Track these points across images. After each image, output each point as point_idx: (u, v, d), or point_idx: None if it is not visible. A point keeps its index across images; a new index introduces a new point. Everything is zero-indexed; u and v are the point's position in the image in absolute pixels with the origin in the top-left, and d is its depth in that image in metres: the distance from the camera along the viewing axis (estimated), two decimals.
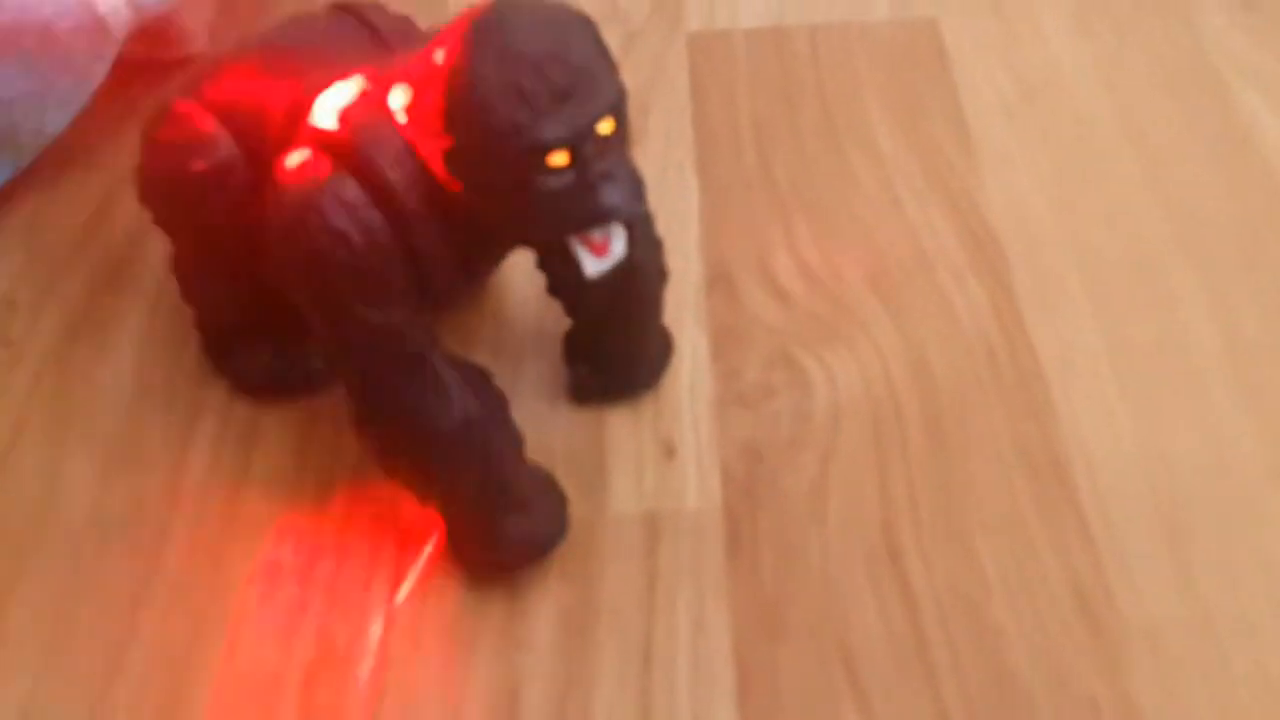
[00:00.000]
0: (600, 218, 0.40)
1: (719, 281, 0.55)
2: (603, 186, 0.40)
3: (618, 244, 0.41)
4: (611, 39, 0.66)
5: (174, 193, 0.47)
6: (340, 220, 0.41)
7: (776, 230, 0.57)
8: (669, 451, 0.50)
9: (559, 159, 0.39)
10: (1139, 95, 0.62)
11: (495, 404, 0.44)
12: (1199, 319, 0.53)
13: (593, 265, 0.41)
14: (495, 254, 0.45)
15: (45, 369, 0.53)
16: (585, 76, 0.39)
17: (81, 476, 0.49)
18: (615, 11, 0.68)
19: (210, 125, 0.46)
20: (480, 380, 0.44)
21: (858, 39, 0.66)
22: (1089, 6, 0.67)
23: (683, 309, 0.54)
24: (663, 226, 0.57)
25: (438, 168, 0.40)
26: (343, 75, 0.43)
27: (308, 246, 0.41)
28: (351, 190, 0.41)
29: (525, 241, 0.44)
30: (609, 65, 0.40)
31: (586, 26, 0.40)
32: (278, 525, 0.48)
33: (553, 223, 0.40)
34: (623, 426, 0.50)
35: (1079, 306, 0.53)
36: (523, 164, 0.39)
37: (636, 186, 0.41)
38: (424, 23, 0.50)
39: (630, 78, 0.64)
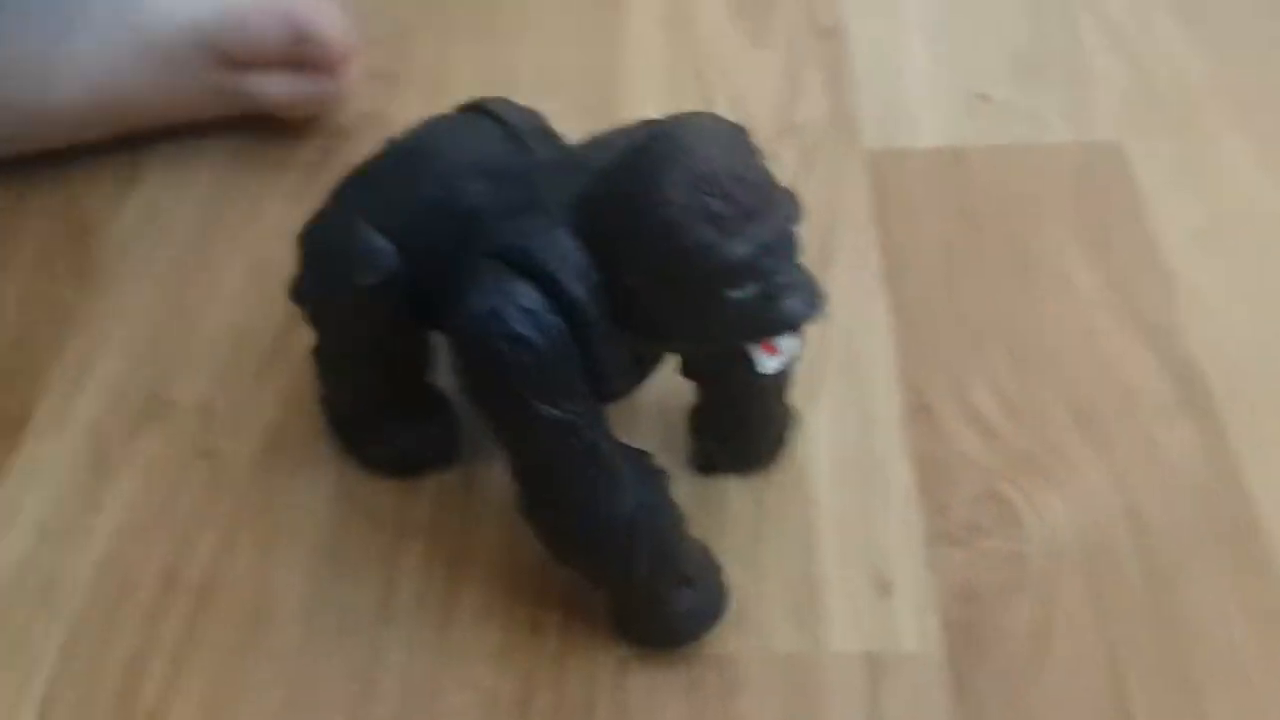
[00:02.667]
0: (785, 327, 0.42)
1: (919, 412, 0.55)
2: (786, 296, 0.41)
3: (791, 342, 0.43)
4: (788, 153, 0.66)
5: (334, 302, 0.49)
6: (522, 325, 0.42)
7: (973, 360, 0.57)
8: (883, 588, 0.49)
9: (745, 274, 0.40)
10: None
11: (661, 486, 0.46)
12: None
13: (769, 363, 0.43)
14: (664, 355, 0.47)
15: (250, 480, 0.53)
16: (765, 193, 0.41)
17: (293, 589, 0.49)
18: (791, 126, 0.68)
19: (374, 237, 0.47)
20: (645, 463, 0.45)
21: (1040, 162, 0.65)
22: (1276, 132, 0.66)
23: (887, 439, 0.53)
24: (855, 349, 0.57)
25: (618, 279, 0.42)
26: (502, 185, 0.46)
27: (491, 351, 0.42)
28: (532, 298, 0.42)
29: (702, 348, 0.46)
30: (781, 187, 0.42)
31: (748, 140, 0.42)
32: (492, 652, 0.47)
33: (737, 334, 0.42)
34: (833, 552, 0.50)
35: None
36: (711, 281, 0.40)
37: (815, 291, 0.42)
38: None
39: (810, 195, 0.64)
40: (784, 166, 0.66)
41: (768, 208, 0.41)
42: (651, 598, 0.46)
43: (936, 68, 0.72)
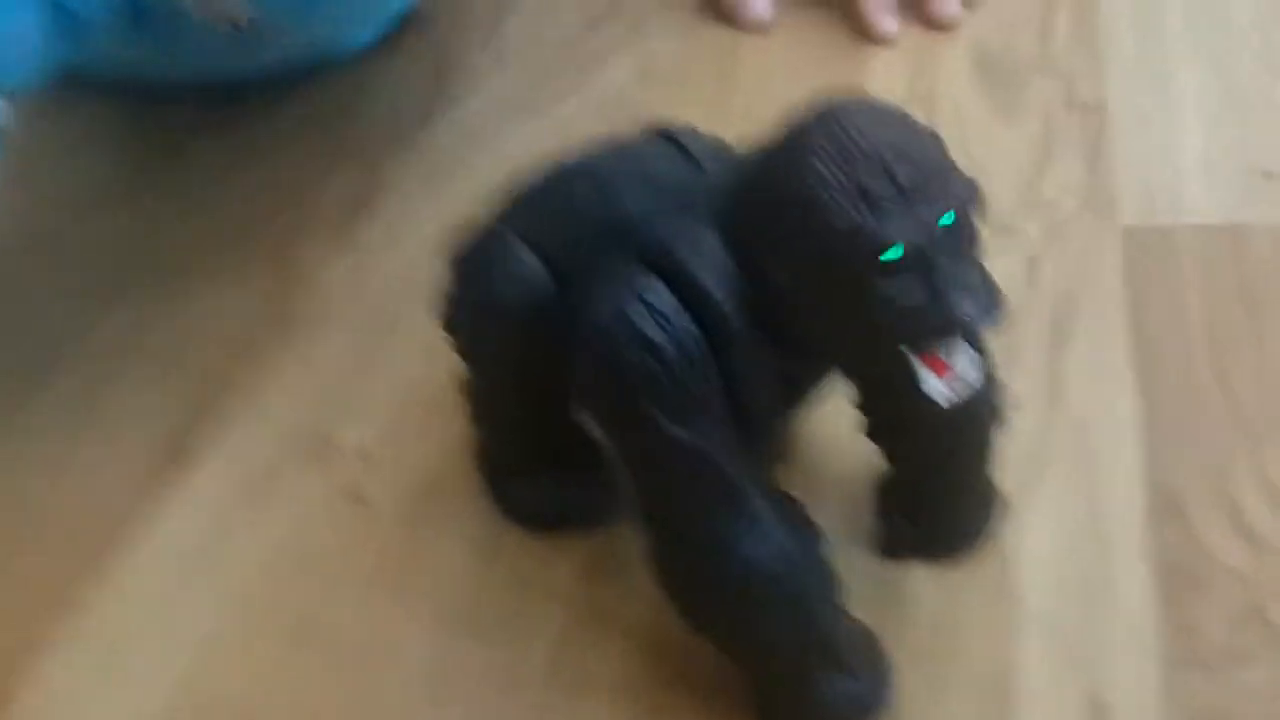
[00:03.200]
0: (949, 328, 0.35)
1: (1168, 511, 0.45)
2: (953, 293, 0.34)
3: (968, 368, 0.36)
4: (1032, 228, 0.59)
5: (484, 325, 0.44)
6: (651, 329, 0.36)
7: (1241, 456, 0.47)
8: (1099, 710, 0.40)
9: (904, 263, 0.34)
10: None
11: (811, 541, 0.38)
12: None
13: (936, 386, 0.35)
14: (820, 378, 0.40)
15: (397, 531, 0.49)
16: (934, 175, 0.35)
17: (420, 645, 0.45)
18: (1038, 199, 0.61)
19: (523, 251, 0.42)
20: (793, 511, 0.38)
21: None
22: None
23: (1123, 541, 0.44)
24: (1090, 438, 0.48)
25: (763, 277, 0.36)
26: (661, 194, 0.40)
27: (615, 357, 0.37)
28: (665, 298, 0.37)
29: (860, 363, 0.38)
30: (959, 170, 0.36)
31: (936, 138, 0.36)
32: None
33: (893, 336, 0.35)
34: (1038, 666, 0.41)
35: None
36: (862, 269, 0.34)
37: (993, 296, 0.35)
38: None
39: (1053, 271, 0.56)
40: (1024, 239, 0.58)
41: (936, 190, 0.34)
42: (793, 677, 0.38)
43: (1211, 144, 0.63)
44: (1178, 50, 0.70)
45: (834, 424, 0.49)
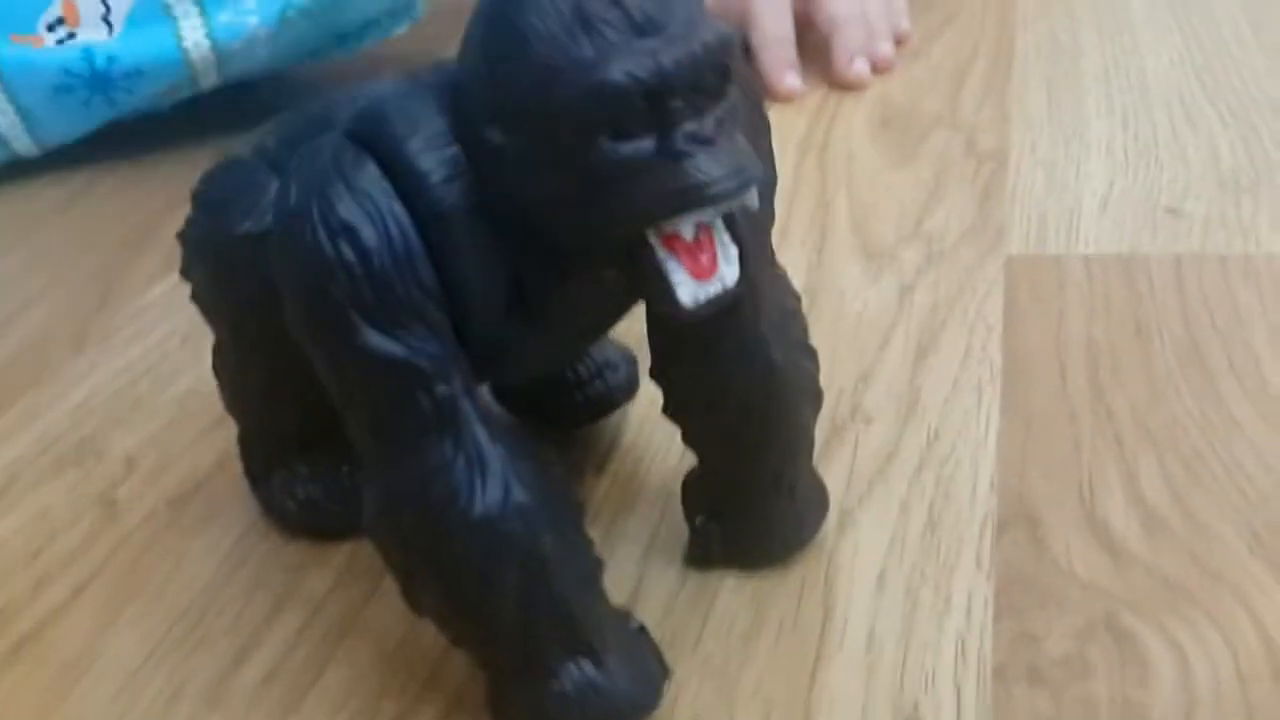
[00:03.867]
0: (689, 196, 0.28)
1: (1017, 521, 0.38)
2: (694, 155, 0.27)
3: (725, 265, 0.29)
4: (910, 256, 0.53)
5: (219, 259, 0.37)
6: (349, 210, 0.30)
7: (1110, 468, 0.40)
8: None
9: (634, 114, 0.27)
10: None
11: (556, 497, 0.31)
12: None
13: (689, 290, 0.28)
14: (571, 297, 0.32)
15: (136, 534, 0.42)
16: (675, 7, 0.28)
17: (124, 653, 0.37)
18: (919, 231, 0.55)
19: (261, 179, 0.36)
20: (535, 461, 0.31)
21: (1240, 271, 0.50)
22: None
23: (965, 550, 0.37)
24: (947, 450, 0.42)
25: (480, 145, 0.29)
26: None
27: (305, 247, 0.30)
28: (369, 176, 0.30)
29: (591, 250, 0.30)
30: (710, 15, 0.29)
31: None
32: None
33: (623, 207, 0.28)
34: (847, 677, 0.33)
35: None
36: (584, 119, 0.28)
37: (745, 164, 0.28)
38: None
39: (927, 293, 0.51)
40: (900, 266, 0.53)
41: (675, 26, 0.28)
42: (524, 661, 0.31)
43: (1115, 185, 0.58)
44: (1090, 106, 0.66)
45: (639, 409, 0.44)
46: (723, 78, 0.28)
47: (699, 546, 0.38)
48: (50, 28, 0.66)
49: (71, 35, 0.66)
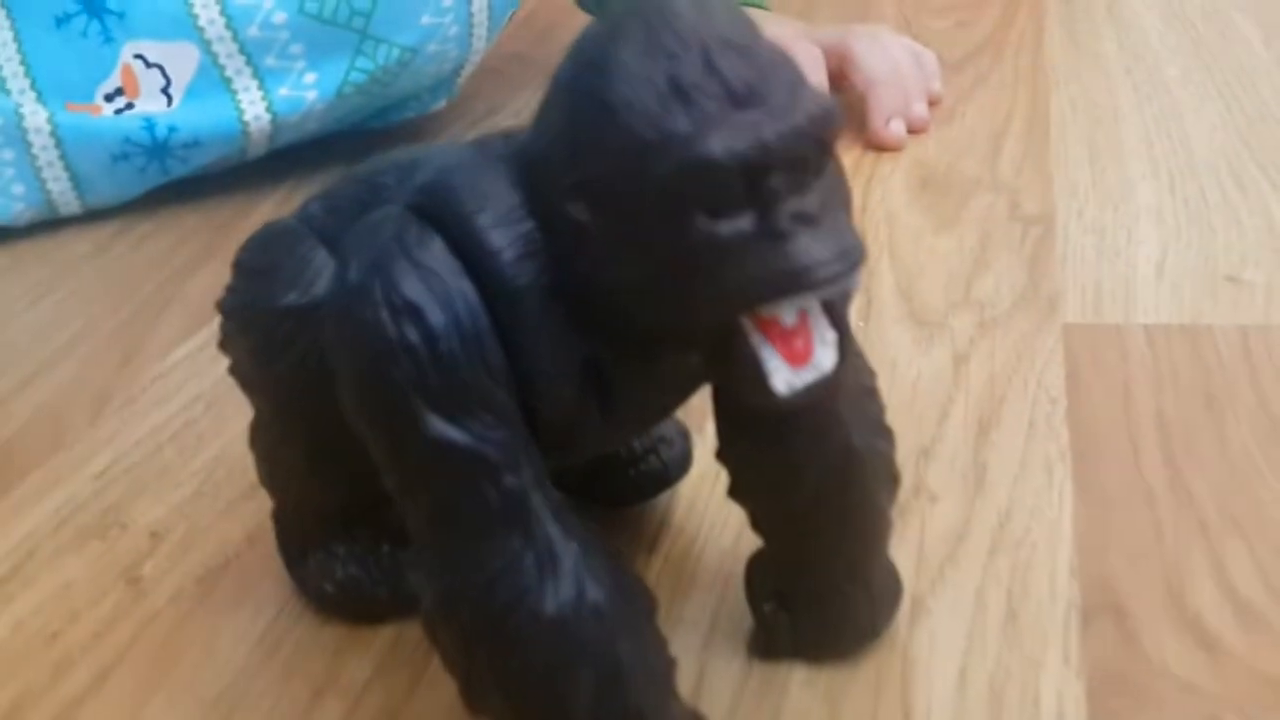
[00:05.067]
0: (794, 280, 0.26)
1: (1103, 613, 0.36)
2: (798, 235, 0.25)
3: (821, 350, 0.27)
4: (961, 325, 0.52)
5: (261, 332, 0.35)
6: (413, 289, 0.28)
7: (1196, 555, 0.38)
8: None
9: (732, 191, 0.26)
10: None
11: (630, 595, 0.29)
12: None
13: (784, 378, 0.26)
14: (646, 381, 0.30)
15: (164, 615, 0.40)
16: (775, 77, 0.26)
17: None
18: (969, 298, 0.54)
19: (307, 250, 0.34)
20: (608, 557, 0.29)
21: None
22: None
23: (1050, 642, 0.35)
24: (1021, 532, 0.40)
25: (559, 223, 0.27)
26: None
27: (366, 324, 0.28)
28: (436, 253, 0.28)
29: (677, 337, 0.28)
30: (810, 84, 0.27)
31: (786, 55, 0.28)
32: None
33: (719, 291, 0.26)
34: None
35: None
36: (679, 196, 0.26)
37: (849, 236, 0.26)
38: None
39: (983, 363, 0.49)
40: (952, 335, 0.51)
41: (777, 97, 0.26)
42: None
43: (1169, 251, 0.56)
44: (1134, 169, 0.65)
45: (700, 488, 0.42)
46: (825, 151, 0.26)
47: (767, 636, 0.36)
48: (108, 97, 0.66)
49: (130, 105, 0.66)
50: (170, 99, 0.66)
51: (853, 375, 0.33)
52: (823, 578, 0.35)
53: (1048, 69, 0.80)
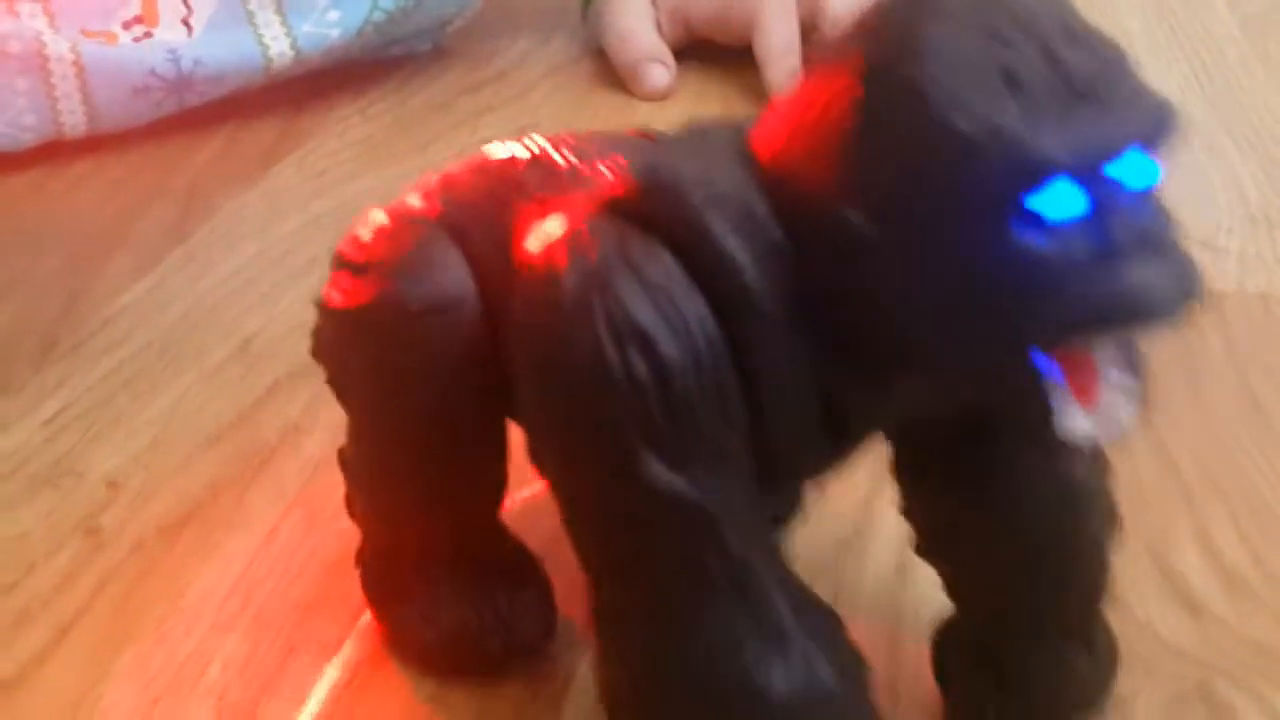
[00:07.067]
0: (1133, 309, 0.22)
1: None
2: (1138, 255, 0.22)
3: (1120, 402, 0.23)
4: None
5: (371, 341, 0.31)
6: (644, 313, 0.24)
7: (1182, 523, 0.38)
8: None
9: (1065, 197, 0.22)
10: None
11: (855, 673, 0.26)
12: None
13: (1076, 421, 0.23)
14: (879, 412, 0.27)
15: (126, 566, 0.39)
16: (1116, 72, 0.23)
17: (118, 707, 0.34)
18: None
19: (438, 245, 0.30)
20: (829, 625, 0.26)
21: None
22: None
23: None
24: None
25: (818, 229, 0.23)
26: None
27: (583, 349, 0.24)
28: (668, 268, 0.24)
29: (954, 368, 0.24)
30: (1145, 81, 0.23)
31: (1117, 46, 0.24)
32: None
33: (1040, 317, 0.22)
34: None
35: None
36: (1005, 201, 0.22)
37: (1191, 270, 0.23)
38: None
39: None
40: None
41: (1121, 93, 0.22)
42: None
43: None
44: None
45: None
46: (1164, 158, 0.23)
47: (972, 713, 0.30)
48: (126, 25, 0.63)
49: (148, 34, 0.64)
50: (190, 29, 0.64)
51: None
52: (1038, 642, 0.30)
53: None
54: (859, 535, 0.37)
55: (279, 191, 0.62)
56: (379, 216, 0.32)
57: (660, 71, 0.71)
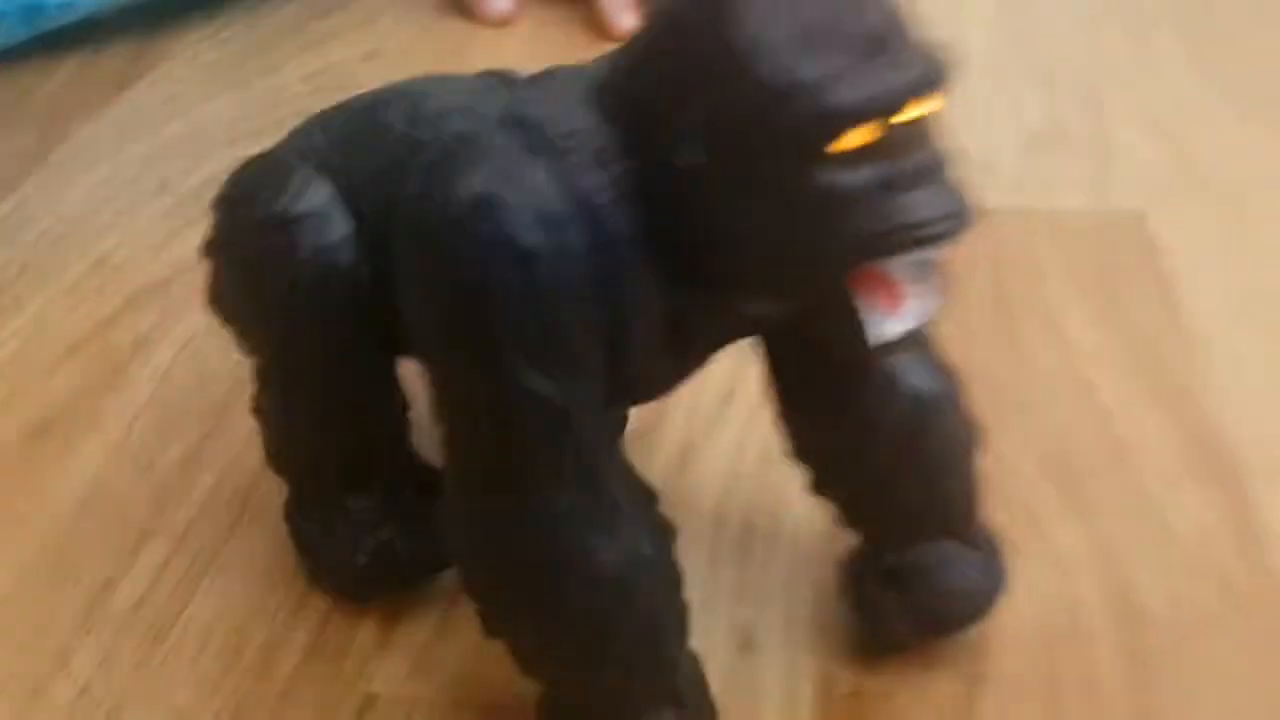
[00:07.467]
0: (913, 233, 0.26)
1: None
2: (917, 189, 0.26)
3: (916, 300, 0.27)
4: None
5: (257, 284, 0.33)
6: (531, 233, 0.27)
7: None
8: (746, 645, 0.36)
9: (857, 140, 0.26)
10: None
11: (668, 546, 0.30)
12: None
13: (879, 326, 0.27)
14: (719, 330, 0.31)
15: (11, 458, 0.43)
16: (898, 28, 0.26)
17: None
18: None
19: (322, 191, 0.33)
20: (651, 506, 0.30)
21: (1043, 225, 0.55)
22: None
23: (791, 485, 0.41)
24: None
25: (660, 171, 0.27)
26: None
27: (472, 257, 0.27)
28: (550, 189, 0.27)
29: (777, 287, 0.28)
30: (921, 35, 0.27)
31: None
32: (205, 681, 0.35)
33: (838, 242, 0.26)
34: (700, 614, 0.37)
35: None
36: (804, 144, 0.25)
37: (962, 197, 0.27)
38: None
39: None
40: None
41: (900, 49, 0.26)
42: (616, 710, 0.30)
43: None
44: None
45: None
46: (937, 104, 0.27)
47: (876, 624, 0.34)
48: None
49: None
50: None
51: None
52: (927, 546, 0.33)
53: None
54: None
55: (132, 115, 0.65)
56: (256, 160, 0.35)
57: None
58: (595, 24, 0.73)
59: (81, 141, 0.62)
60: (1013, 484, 0.41)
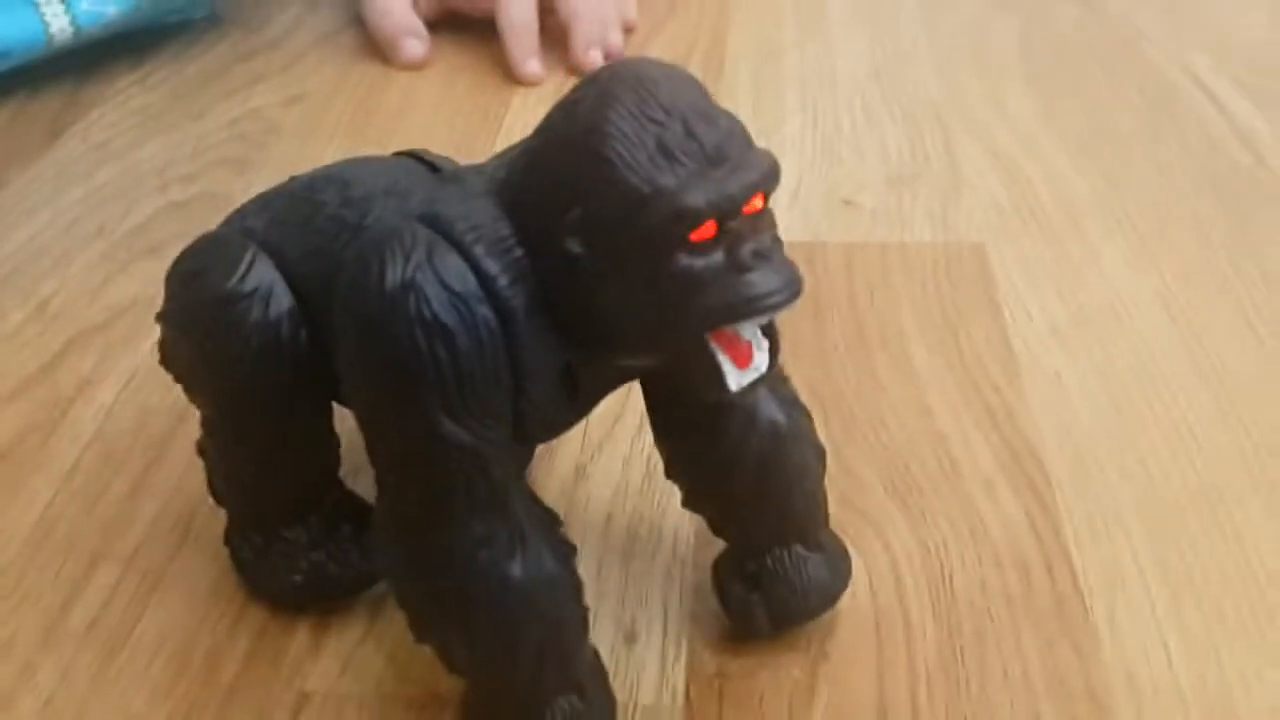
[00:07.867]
0: (755, 305, 0.32)
1: None
2: (756, 268, 0.32)
3: (760, 355, 0.34)
4: None
5: (197, 336, 0.38)
6: (447, 313, 0.33)
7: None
8: (630, 636, 0.42)
9: (707, 233, 0.32)
10: (1207, 329, 0.56)
11: (569, 561, 0.36)
12: (1270, 552, 0.45)
13: (735, 378, 0.34)
14: (604, 380, 0.38)
15: None
16: (736, 141, 0.33)
17: None
18: None
19: (266, 270, 0.38)
20: (553, 528, 0.37)
21: (898, 258, 0.61)
22: (1149, 244, 0.62)
23: (669, 498, 0.47)
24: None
25: (548, 252, 0.33)
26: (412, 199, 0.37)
27: (398, 338, 0.33)
28: (461, 274, 0.33)
29: (651, 347, 0.34)
30: (756, 146, 0.34)
31: (731, 115, 0.34)
32: (157, 688, 0.40)
33: (695, 314, 0.32)
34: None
35: (1130, 530, 0.46)
36: (664, 237, 0.32)
37: (794, 274, 0.33)
38: None
39: None
40: None
41: (740, 159, 0.32)
42: (526, 697, 0.36)
43: (803, 179, 0.69)
44: (788, 103, 0.76)
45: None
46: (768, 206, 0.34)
47: (741, 619, 0.41)
48: None
49: None
50: None
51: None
52: (781, 551, 0.40)
53: (729, 4, 0.90)
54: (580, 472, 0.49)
55: (67, 161, 0.69)
56: (206, 239, 0.40)
57: (415, 44, 0.80)
58: (502, 68, 0.78)
59: (18, 190, 0.67)
60: (859, 495, 0.47)
